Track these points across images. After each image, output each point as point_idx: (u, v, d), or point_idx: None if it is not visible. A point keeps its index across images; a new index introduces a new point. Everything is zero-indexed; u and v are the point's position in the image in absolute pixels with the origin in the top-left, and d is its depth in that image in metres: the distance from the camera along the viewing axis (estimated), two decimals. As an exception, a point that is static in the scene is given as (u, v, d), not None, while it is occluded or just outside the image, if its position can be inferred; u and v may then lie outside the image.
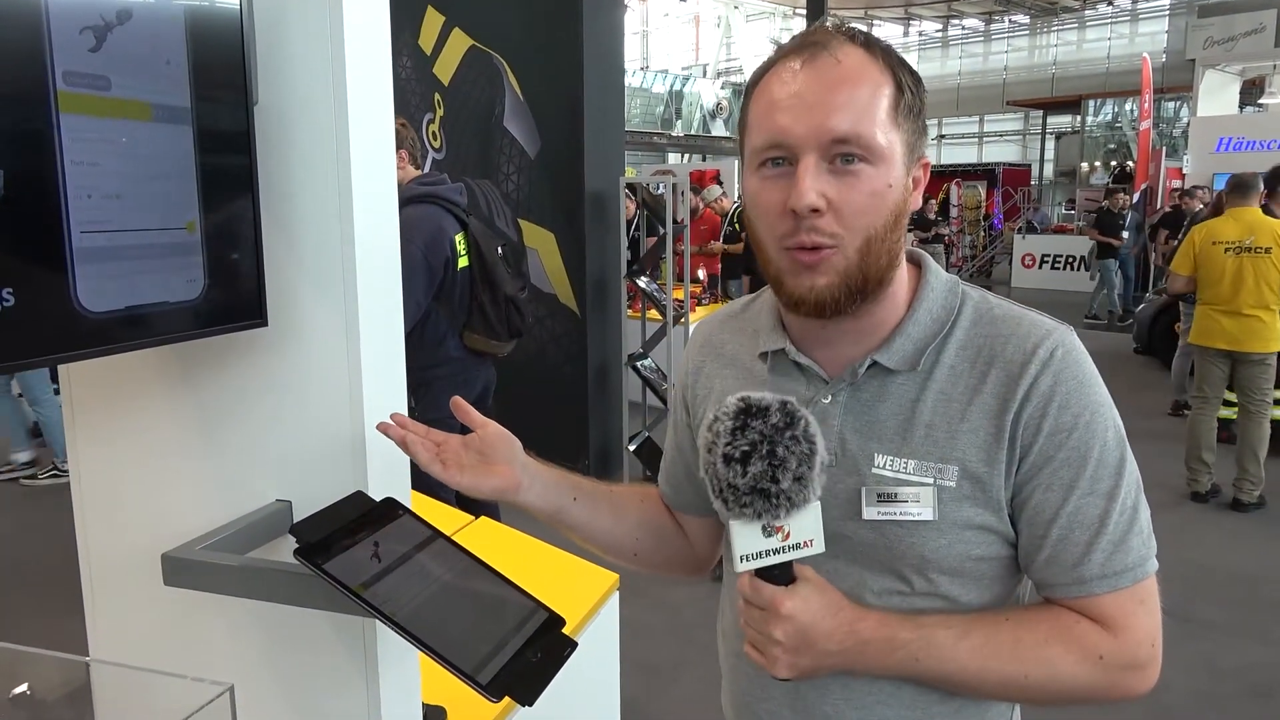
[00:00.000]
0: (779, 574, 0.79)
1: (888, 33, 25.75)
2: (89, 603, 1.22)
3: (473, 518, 2.41)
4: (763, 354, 0.92)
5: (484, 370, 3.25)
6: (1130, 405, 0.83)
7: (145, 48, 0.82)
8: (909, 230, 0.86)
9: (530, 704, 0.81)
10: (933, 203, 12.76)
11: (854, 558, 0.86)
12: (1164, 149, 13.89)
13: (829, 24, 0.83)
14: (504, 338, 3.17)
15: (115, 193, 0.80)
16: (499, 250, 3.17)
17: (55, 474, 4.84)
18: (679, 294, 5.05)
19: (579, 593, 1.94)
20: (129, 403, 1.12)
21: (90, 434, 1.16)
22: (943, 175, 16.58)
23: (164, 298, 0.88)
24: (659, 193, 4.97)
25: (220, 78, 0.88)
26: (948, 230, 13.14)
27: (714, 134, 23.81)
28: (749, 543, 0.76)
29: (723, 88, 25.28)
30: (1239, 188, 4.56)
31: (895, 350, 0.84)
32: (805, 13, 11.30)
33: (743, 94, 0.87)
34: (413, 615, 0.82)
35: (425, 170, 5.27)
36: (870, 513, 0.83)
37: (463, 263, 3.03)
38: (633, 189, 5.14)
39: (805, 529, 0.76)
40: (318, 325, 1.01)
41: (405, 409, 1.08)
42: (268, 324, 0.99)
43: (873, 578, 0.86)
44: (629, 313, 5.23)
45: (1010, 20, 25.17)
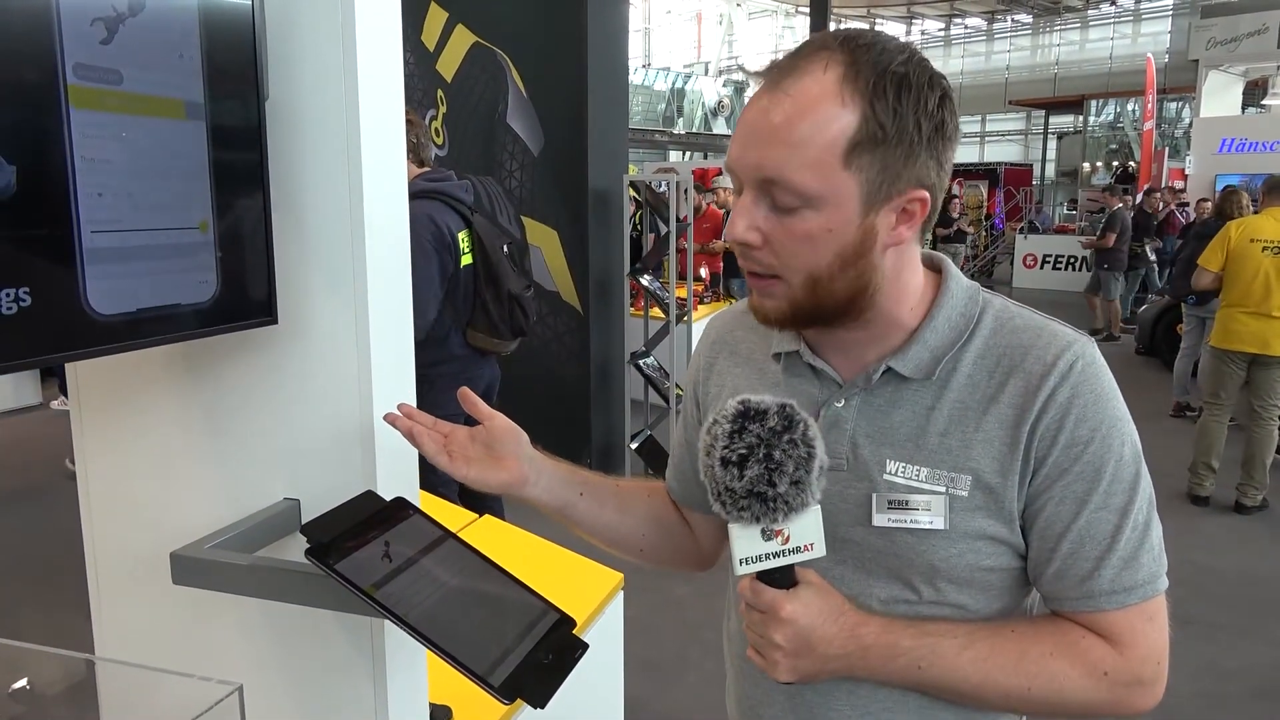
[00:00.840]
0: (780, 577, 0.79)
1: (890, 31, 25.66)
2: (95, 601, 1.21)
3: (476, 516, 2.41)
4: (776, 354, 0.92)
5: (488, 368, 3.24)
6: (1132, 406, 0.82)
7: (158, 40, 0.80)
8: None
9: (542, 706, 0.80)
10: (956, 200, 12.41)
11: (861, 564, 0.85)
12: (1166, 150, 13.87)
13: (825, 35, 0.78)
14: (507, 336, 3.15)
15: (127, 191, 0.79)
16: (504, 248, 3.15)
17: None
18: (681, 292, 5.05)
19: (584, 592, 1.93)
20: (136, 400, 1.11)
21: (97, 431, 1.15)
22: (944, 174, 16.49)
23: (175, 300, 0.86)
24: (661, 190, 4.96)
25: (233, 72, 0.87)
26: (971, 231, 12.82)
27: (715, 132, 23.80)
28: (748, 546, 0.76)
29: (724, 85, 25.26)
30: (1274, 189, 4.51)
31: (911, 358, 0.83)
32: (808, 10, 11.28)
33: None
34: (424, 616, 0.81)
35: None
36: (881, 519, 0.83)
37: (466, 260, 3.02)
38: (635, 187, 5.13)
39: (805, 533, 0.76)
40: (327, 322, 1.01)
41: (414, 407, 1.08)
42: (278, 322, 0.99)
43: (879, 585, 0.85)
44: (631, 311, 5.22)
45: (1013, 19, 25.16)
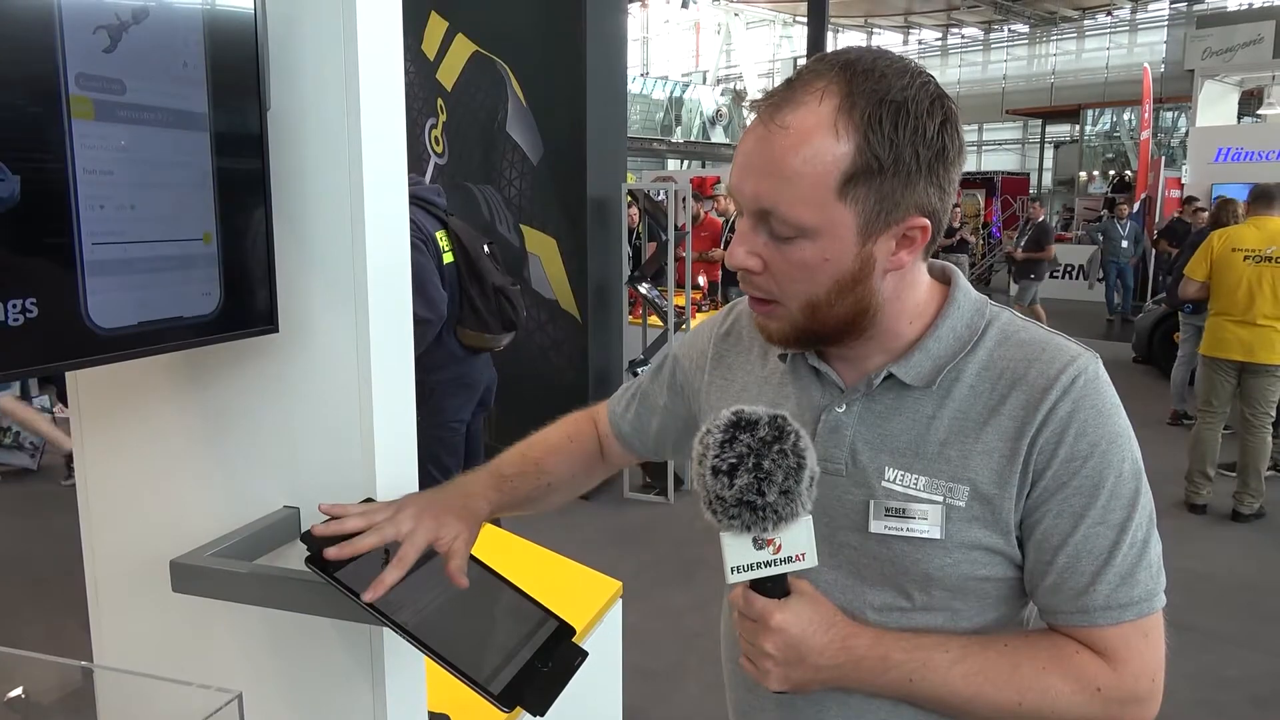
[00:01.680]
0: (772, 587, 0.79)
1: (887, 41, 25.84)
2: (94, 608, 1.21)
3: (475, 524, 2.41)
4: (782, 354, 0.92)
5: (485, 371, 3.27)
6: (1129, 414, 0.83)
7: (162, 49, 0.78)
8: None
9: (542, 714, 0.80)
10: (957, 210, 12.42)
11: (857, 569, 0.86)
12: (1163, 159, 13.92)
13: (824, 60, 0.78)
14: (497, 330, 3.18)
15: (129, 203, 0.78)
16: (485, 247, 3.19)
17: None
18: (680, 301, 5.05)
19: (582, 600, 1.93)
20: (137, 408, 1.12)
21: (97, 439, 1.15)
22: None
23: (178, 313, 0.85)
24: (659, 199, 4.98)
25: (236, 81, 0.86)
26: (973, 240, 12.71)
27: (713, 140, 23.86)
28: (740, 554, 0.76)
29: (722, 94, 25.33)
30: (1263, 197, 4.54)
31: (913, 366, 0.83)
32: (806, 20, 11.33)
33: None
34: (424, 624, 0.81)
35: (427, 176, 5.29)
36: (877, 526, 0.83)
37: (448, 258, 3.05)
38: (634, 195, 5.15)
39: (797, 542, 0.76)
40: (328, 331, 1.01)
41: (414, 415, 1.08)
42: (279, 331, 0.99)
43: (873, 591, 0.85)
44: (630, 319, 5.23)
45: (1009, 29, 25.26)
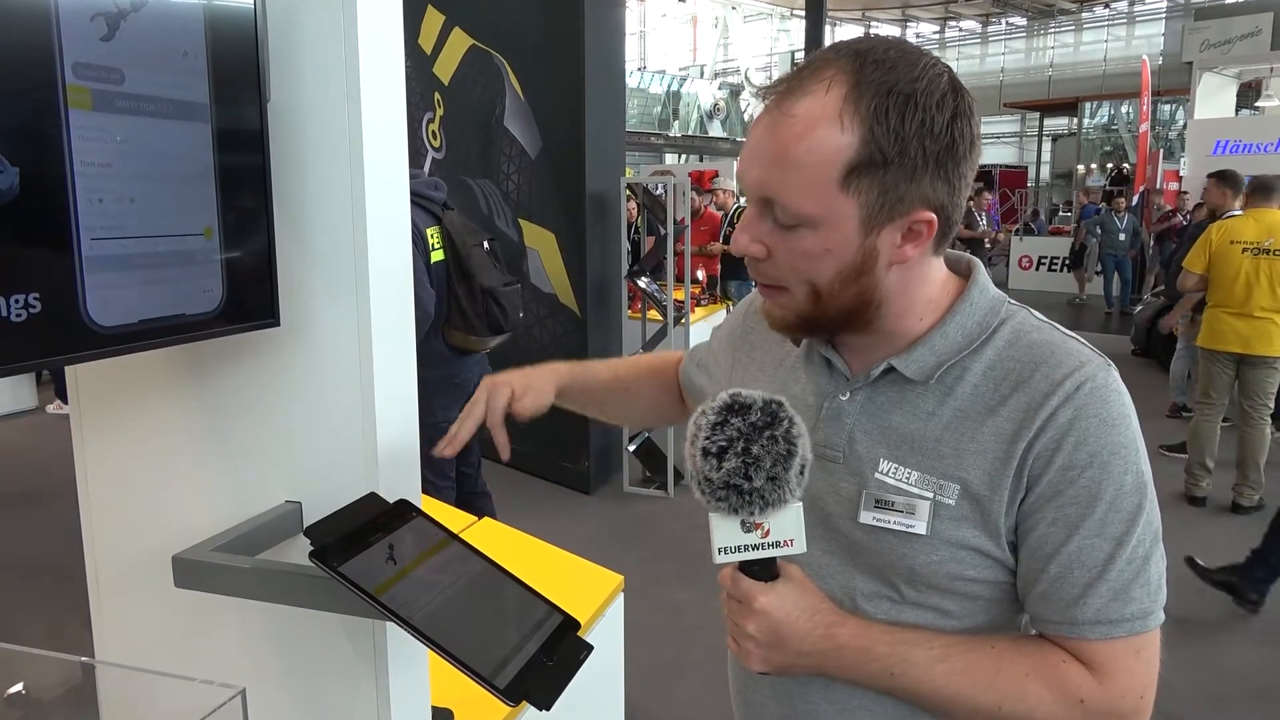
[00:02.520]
0: (761, 570, 0.80)
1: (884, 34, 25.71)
2: (95, 605, 1.21)
3: (476, 518, 2.41)
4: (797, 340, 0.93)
5: (477, 368, 3.19)
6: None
7: (161, 37, 0.76)
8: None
9: (548, 708, 0.80)
10: (986, 196, 12.20)
11: (849, 557, 0.86)
12: (1161, 151, 13.92)
13: (836, 47, 0.78)
14: (484, 333, 3.07)
15: (128, 196, 0.76)
16: (485, 244, 3.10)
17: None
18: (679, 295, 5.04)
19: (584, 594, 1.93)
20: (137, 403, 1.11)
21: (98, 435, 1.15)
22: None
23: (180, 310, 0.84)
24: (658, 193, 4.97)
25: (236, 72, 0.84)
26: (989, 230, 12.52)
27: (711, 135, 23.83)
28: (727, 536, 0.76)
29: (720, 88, 25.29)
30: (1261, 189, 4.53)
31: (914, 359, 0.83)
32: (804, 13, 11.30)
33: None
34: (429, 619, 0.81)
35: (425, 170, 5.27)
36: (866, 517, 0.83)
37: (437, 256, 2.98)
38: (633, 190, 5.14)
39: (785, 528, 0.76)
40: (330, 324, 1.00)
41: (416, 409, 1.08)
42: (280, 324, 0.98)
43: (864, 580, 0.85)
44: (629, 313, 5.22)
45: (1007, 22, 25.24)
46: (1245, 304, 4.38)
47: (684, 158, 23.66)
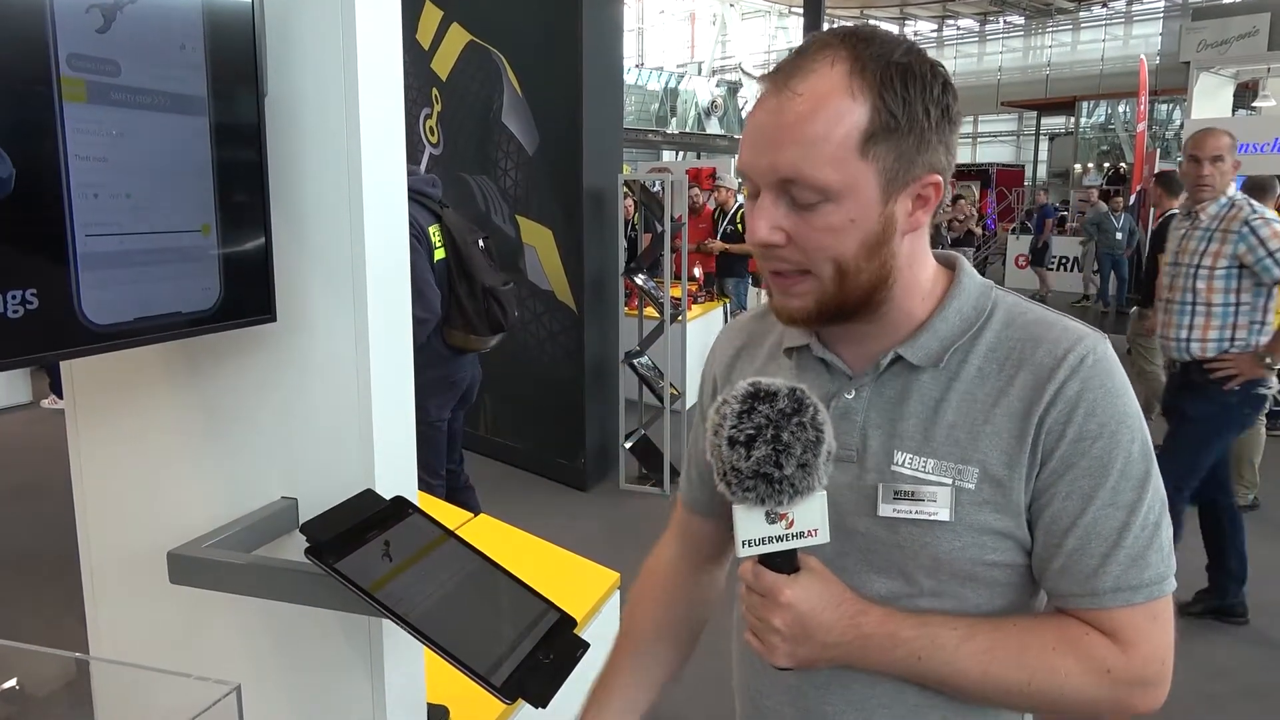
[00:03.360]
0: (782, 562, 0.79)
1: (883, 32, 25.71)
2: (90, 601, 1.20)
3: (472, 515, 2.40)
4: (788, 350, 0.92)
5: (470, 368, 3.18)
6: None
7: (159, 30, 0.76)
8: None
9: (544, 705, 0.80)
10: (963, 202, 12.27)
11: (865, 556, 0.85)
12: (1158, 151, 13.93)
13: (825, 34, 0.79)
14: (484, 332, 3.07)
15: (124, 191, 0.75)
16: (480, 243, 3.10)
17: None
18: (676, 292, 5.04)
19: (580, 591, 1.93)
20: (132, 398, 1.10)
21: (92, 429, 1.14)
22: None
23: (176, 308, 0.83)
24: (655, 190, 4.96)
25: (234, 65, 0.84)
26: (979, 232, 12.55)
27: (709, 131, 23.81)
28: (751, 528, 0.76)
29: (718, 85, 25.27)
30: (1255, 188, 4.53)
31: (920, 346, 0.84)
32: (801, 11, 11.30)
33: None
34: (425, 616, 0.80)
35: (422, 166, 5.26)
36: (886, 510, 0.82)
37: (439, 255, 2.97)
38: (630, 187, 5.13)
39: (810, 518, 0.76)
40: (327, 320, 1.00)
41: (413, 406, 1.07)
42: (276, 320, 0.98)
43: (879, 579, 0.85)
44: (626, 310, 5.22)
45: (1005, 21, 25.25)
46: None
47: (681, 155, 23.65)
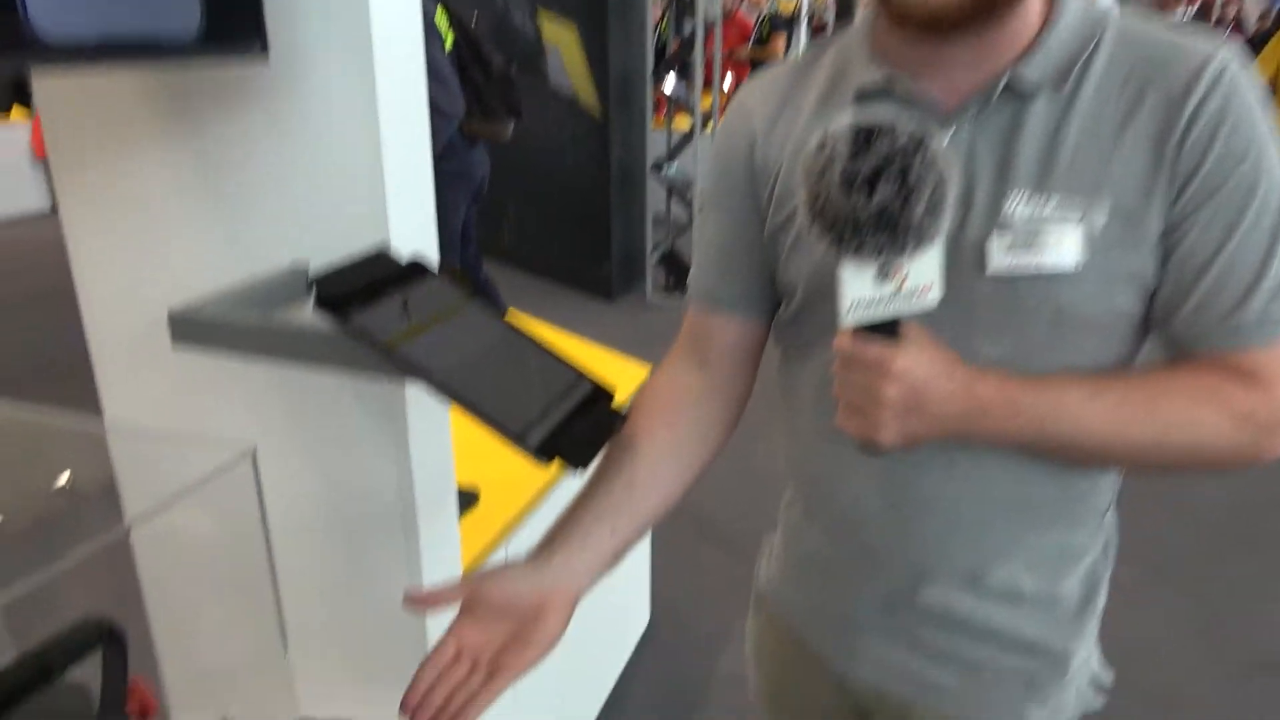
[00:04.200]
0: (885, 332, 0.68)
1: None
2: (100, 375, 1.16)
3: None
4: (859, 95, 0.78)
5: (482, 162, 3.13)
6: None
7: None
8: None
9: (583, 467, 0.74)
10: None
11: (968, 322, 0.75)
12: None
13: None
14: (504, 117, 3.04)
15: None
16: (473, 21, 2.99)
17: None
18: (706, 103, 4.76)
19: (615, 382, 1.89)
20: (121, 157, 1.00)
21: (77, 186, 1.05)
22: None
23: (150, 30, 0.73)
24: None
25: None
26: None
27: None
28: (860, 288, 0.65)
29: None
30: None
31: (1038, 63, 0.71)
32: None
33: None
34: (450, 375, 0.73)
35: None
36: (1000, 261, 0.72)
37: (449, 42, 2.82)
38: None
39: (925, 272, 0.65)
40: (326, 63, 0.88)
41: (431, 161, 0.96)
42: (268, 54, 0.86)
43: (987, 343, 0.75)
44: (653, 123, 4.96)
45: None
46: None
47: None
